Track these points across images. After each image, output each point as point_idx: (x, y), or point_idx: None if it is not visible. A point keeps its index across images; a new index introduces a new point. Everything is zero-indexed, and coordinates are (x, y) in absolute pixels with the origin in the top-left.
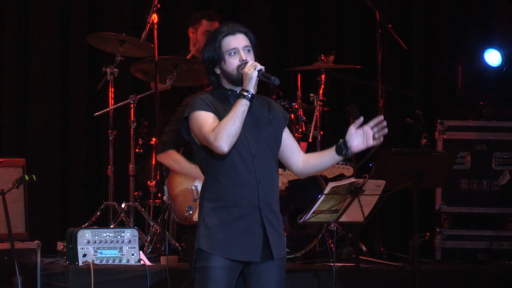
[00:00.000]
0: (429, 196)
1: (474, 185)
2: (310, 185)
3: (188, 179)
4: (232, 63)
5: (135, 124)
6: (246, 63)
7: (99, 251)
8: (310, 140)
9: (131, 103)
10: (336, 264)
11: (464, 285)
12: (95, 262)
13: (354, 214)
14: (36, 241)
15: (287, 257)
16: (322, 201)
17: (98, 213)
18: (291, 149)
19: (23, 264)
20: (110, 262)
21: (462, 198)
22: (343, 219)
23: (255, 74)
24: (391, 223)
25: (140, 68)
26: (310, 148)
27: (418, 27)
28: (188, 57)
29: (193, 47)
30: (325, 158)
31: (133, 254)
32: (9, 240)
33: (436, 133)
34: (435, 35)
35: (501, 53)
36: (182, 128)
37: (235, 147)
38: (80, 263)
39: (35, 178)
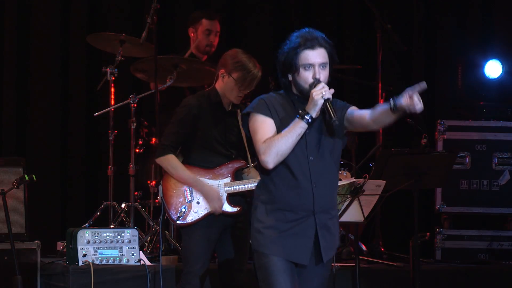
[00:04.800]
0: (429, 196)
1: (474, 185)
2: None
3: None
4: (306, 77)
5: (135, 124)
6: (318, 82)
7: (99, 251)
8: None
9: (131, 103)
10: (336, 264)
11: (464, 285)
12: (95, 262)
13: (354, 214)
14: (36, 241)
15: None
16: None
17: (98, 213)
18: (361, 118)
19: (23, 264)
20: (110, 262)
21: (462, 198)
22: (343, 219)
23: (321, 102)
24: (391, 223)
25: (140, 68)
26: None
27: (418, 27)
28: (186, 55)
29: (193, 47)
30: (380, 108)
31: (133, 254)
32: (9, 240)
33: (436, 133)
34: (435, 35)
35: (501, 64)
36: (244, 123)
37: (293, 151)
38: (80, 263)
39: (35, 178)
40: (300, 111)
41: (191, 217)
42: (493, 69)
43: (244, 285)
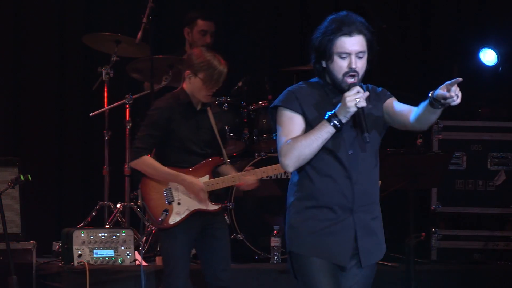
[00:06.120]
0: (425, 196)
1: (470, 185)
2: None
3: (161, 183)
4: (340, 66)
5: (130, 124)
6: (354, 86)
7: (94, 251)
8: None
9: (127, 103)
10: None
11: (460, 285)
12: (90, 262)
13: None
14: (32, 241)
15: (282, 257)
16: None
17: (93, 213)
18: (402, 115)
19: (19, 264)
20: (106, 262)
21: (458, 198)
22: None
23: (353, 109)
24: (387, 223)
25: (136, 68)
26: None
27: (413, 27)
28: (184, 57)
29: (189, 47)
30: (426, 109)
31: (128, 254)
32: (5, 240)
33: (431, 133)
34: (430, 35)
35: (496, 52)
36: (270, 115)
37: (330, 144)
38: (76, 263)
39: (30, 178)
40: (329, 114)
41: (173, 219)
42: (488, 57)
43: (231, 284)
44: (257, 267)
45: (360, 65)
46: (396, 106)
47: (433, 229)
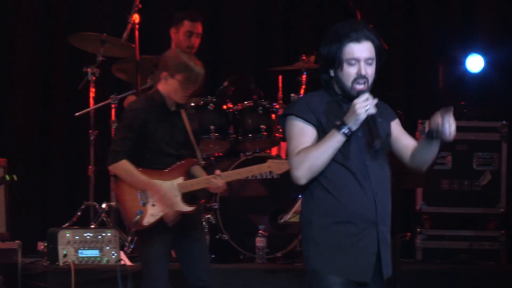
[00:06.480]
0: (410, 196)
1: (455, 185)
2: (291, 185)
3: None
4: (349, 73)
5: (116, 124)
6: (363, 93)
7: (79, 251)
8: None
9: (112, 103)
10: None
11: (445, 285)
12: (76, 262)
13: None
14: (17, 241)
15: (267, 257)
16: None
17: (79, 213)
18: (401, 144)
19: (4, 264)
20: (91, 262)
21: (443, 198)
22: None
23: (363, 116)
24: None
25: (121, 68)
26: None
27: (400, 27)
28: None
29: (174, 48)
30: (421, 144)
31: (113, 254)
32: None
33: (417, 133)
34: (416, 35)
35: (483, 58)
36: (280, 123)
37: (348, 156)
38: (61, 263)
39: (15, 178)
40: (338, 122)
41: (148, 220)
42: (475, 63)
43: (213, 284)
44: (242, 267)
45: (369, 71)
46: (403, 136)
47: (418, 229)
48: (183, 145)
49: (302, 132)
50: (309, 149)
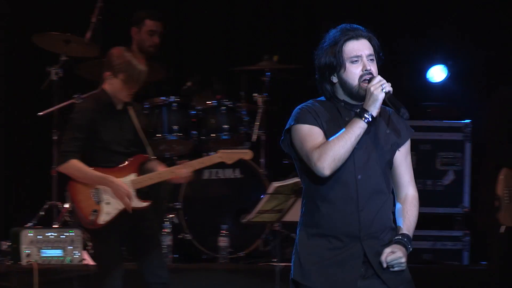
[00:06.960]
0: None
1: (419, 185)
2: (254, 184)
3: (88, 184)
4: (354, 72)
5: None
6: (371, 76)
7: (42, 250)
8: (254, 139)
9: (76, 103)
10: (279, 264)
11: None
12: (39, 261)
13: (298, 213)
14: None
15: (230, 257)
16: (265, 201)
17: (41, 213)
18: (398, 173)
19: None
20: (54, 261)
21: None
22: (287, 218)
23: (382, 96)
24: None
25: (85, 67)
26: (254, 148)
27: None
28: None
29: (136, 47)
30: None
31: (76, 254)
32: None
33: None
34: (384, 46)
35: (445, 68)
36: (284, 141)
37: (339, 169)
38: (24, 263)
39: None
40: (358, 110)
41: (103, 218)
42: (437, 73)
43: (170, 279)
44: (205, 267)
45: (373, 68)
46: (402, 165)
47: None
48: (132, 143)
49: (311, 132)
50: (330, 141)
